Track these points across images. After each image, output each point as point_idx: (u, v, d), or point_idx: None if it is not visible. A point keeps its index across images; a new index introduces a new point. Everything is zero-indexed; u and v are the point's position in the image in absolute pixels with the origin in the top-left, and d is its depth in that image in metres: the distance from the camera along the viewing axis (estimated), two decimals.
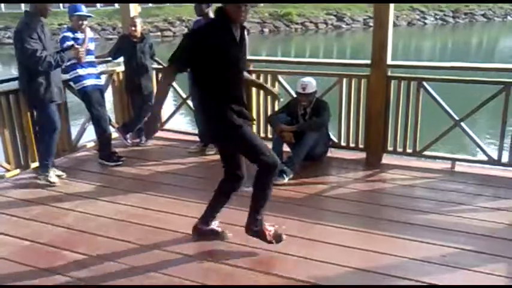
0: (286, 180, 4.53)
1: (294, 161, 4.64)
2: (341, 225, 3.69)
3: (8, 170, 4.66)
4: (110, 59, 5.71)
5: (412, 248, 3.35)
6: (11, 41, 28.80)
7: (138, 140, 5.86)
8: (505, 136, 4.60)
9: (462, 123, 4.80)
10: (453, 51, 25.81)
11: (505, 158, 4.62)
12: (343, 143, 5.24)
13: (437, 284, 2.93)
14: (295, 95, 5.04)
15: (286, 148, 4.85)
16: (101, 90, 5.20)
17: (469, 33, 34.91)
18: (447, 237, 3.48)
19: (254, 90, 5.36)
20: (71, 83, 5.04)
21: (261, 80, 5.35)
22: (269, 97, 5.27)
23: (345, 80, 5.05)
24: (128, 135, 5.76)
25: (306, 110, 4.85)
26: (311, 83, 4.79)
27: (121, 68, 5.75)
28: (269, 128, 5.36)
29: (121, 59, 5.64)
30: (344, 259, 3.21)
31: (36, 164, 4.76)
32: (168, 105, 6.01)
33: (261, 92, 5.35)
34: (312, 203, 4.16)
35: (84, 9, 4.94)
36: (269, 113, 5.37)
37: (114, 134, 5.62)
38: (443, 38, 32.44)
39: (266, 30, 34.50)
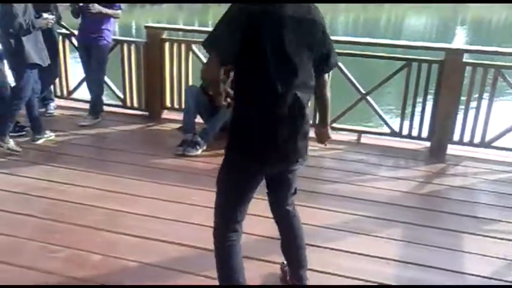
0: (199, 151, 4.53)
1: (209, 133, 4.63)
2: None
3: None
4: None
5: (318, 215, 3.48)
6: None
7: (43, 110, 5.52)
8: (405, 110, 4.85)
9: (368, 97, 5.01)
10: (364, 27, 26.76)
11: (405, 131, 4.90)
12: None
13: (339, 248, 3.08)
14: None
15: (199, 120, 4.84)
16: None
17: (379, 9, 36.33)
18: (350, 204, 3.66)
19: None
20: None
21: (175, 50, 5.27)
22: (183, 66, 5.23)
23: None
24: None
25: None
26: None
27: None
28: (182, 99, 5.30)
29: None
30: (249, 228, 3.24)
31: None
32: (78, 74, 5.70)
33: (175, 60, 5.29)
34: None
35: None
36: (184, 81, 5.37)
37: None
38: (356, 14, 33.49)
39: None
